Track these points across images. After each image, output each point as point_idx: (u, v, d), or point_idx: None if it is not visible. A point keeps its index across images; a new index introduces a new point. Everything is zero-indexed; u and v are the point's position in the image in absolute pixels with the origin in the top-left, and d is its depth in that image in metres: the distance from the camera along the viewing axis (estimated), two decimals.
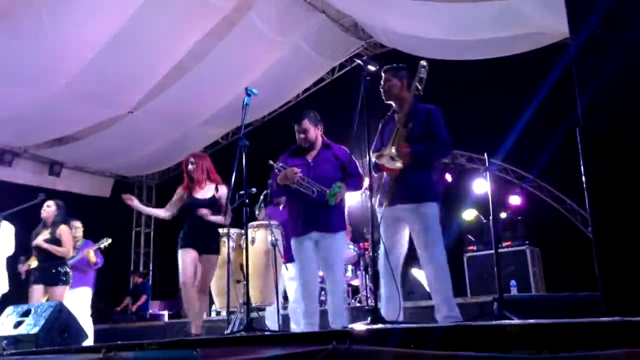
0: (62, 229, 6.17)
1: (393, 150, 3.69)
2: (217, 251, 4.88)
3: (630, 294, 2.06)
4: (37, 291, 5.98)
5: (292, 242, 4.31)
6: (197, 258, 4.80)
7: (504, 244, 7.25)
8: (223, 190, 4.99)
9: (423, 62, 3.92)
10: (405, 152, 3.73)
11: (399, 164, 3.70)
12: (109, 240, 6.89)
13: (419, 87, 3.89)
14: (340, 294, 4.31)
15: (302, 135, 4.33)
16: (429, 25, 7.62)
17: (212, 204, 4.94)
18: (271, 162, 4.35)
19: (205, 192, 5.00)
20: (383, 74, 4.03)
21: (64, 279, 6.10)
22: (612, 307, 2.04)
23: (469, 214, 7.89)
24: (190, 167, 5.05)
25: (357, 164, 4.37)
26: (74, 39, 7.00)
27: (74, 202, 10.17)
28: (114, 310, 10.25)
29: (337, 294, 4.22)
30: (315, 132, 4.34)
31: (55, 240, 6.11)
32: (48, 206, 6.23)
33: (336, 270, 4.25)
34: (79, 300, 6.53)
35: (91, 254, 6.76)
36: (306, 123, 4.31)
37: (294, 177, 4.16)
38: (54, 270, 6.03)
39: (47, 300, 5.78)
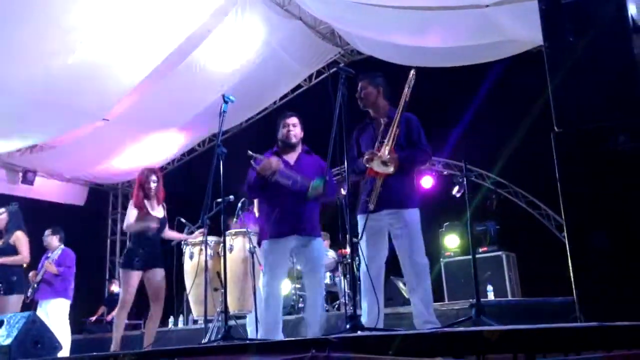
0: (17, 235, 6.11)
1: (387, 153, 3.70)
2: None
3: (604, 299, 2.09)
4: None
5: (266, 244, 4.08)
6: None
7: (480, 250, 7.31)
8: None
9: (413, 72, 3.95)
10: (394, 157, 3.75)
11: (391, 169, 3.72)
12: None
13: (408, 96, 3.91)
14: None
15: (291, 130, 4.19)
16: (404, 33, 7.67)
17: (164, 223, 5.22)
18: (250, 152, 4.11)
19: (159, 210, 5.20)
20: (359, 82, 4.05)
21: (19, 287, 6.02)
22: (587, 312, 2.07)
23: None
24: (152, 184, 5.14)
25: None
26: (46, 44, 6.89)
27: (48, 211, 10.09)
28: (88, 320, 10.06)
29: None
30: (301, 133, 4.27)
31: (9, 248, 6.02)
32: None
33: (320, 277, 4.20)
34: (54, 312, 6.40)
35: (50, 267, 6.39)
36: (297, 119, 4.25)
37: (278, 164, 3.99)
38: (7, 279, 5.94)
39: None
